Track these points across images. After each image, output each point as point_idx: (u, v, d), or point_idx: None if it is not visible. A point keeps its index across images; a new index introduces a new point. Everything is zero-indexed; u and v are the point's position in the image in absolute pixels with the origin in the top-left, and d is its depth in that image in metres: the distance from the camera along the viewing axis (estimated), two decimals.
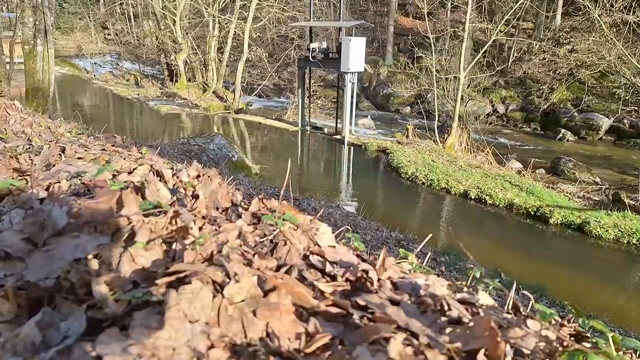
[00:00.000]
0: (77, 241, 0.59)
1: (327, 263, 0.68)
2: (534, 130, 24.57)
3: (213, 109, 18.77)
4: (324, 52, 14.52)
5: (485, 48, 13.96)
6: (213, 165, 8.83)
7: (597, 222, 7.89)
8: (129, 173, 1.06)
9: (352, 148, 13.72)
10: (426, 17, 14.51)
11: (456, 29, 34.50)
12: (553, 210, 8.36)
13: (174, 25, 22.47)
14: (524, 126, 25.30)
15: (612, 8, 17.72)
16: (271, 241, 0.70)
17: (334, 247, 0.75)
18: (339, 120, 14.83)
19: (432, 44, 14.48)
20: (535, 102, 25.90)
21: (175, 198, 0.80)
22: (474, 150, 14.51)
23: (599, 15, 17.10)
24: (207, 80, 23.62)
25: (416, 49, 22.23)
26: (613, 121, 22.26)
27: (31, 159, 1.14)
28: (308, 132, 15.46)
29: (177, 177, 1.06)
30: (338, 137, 14.37)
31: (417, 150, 12.74)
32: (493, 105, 27.97)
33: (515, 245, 7.20)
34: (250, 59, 23.31)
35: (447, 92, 16.68)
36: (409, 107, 28.94)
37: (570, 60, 24.17)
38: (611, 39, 14.71)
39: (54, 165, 1.05)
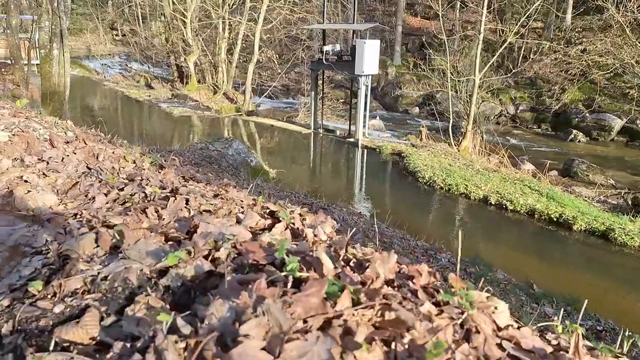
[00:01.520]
0: (305, 345, 0.56)
1: (522, 351, 0.66)
2: (544, 130, 24.42)
3: (224, 111, 18.79)
4: (337, 54, 14.48)
5: (500, 50, 13.85)
6: (233, 171, 8.82)
7: (621, 229, 7.81)
8: (267, 230, 1.03)
9: (366, 151, 13.67)
10: (441, 18, 14.43)
11: (465, 29, 34.38)
12: (576, 216, 8.29)
13: (184, 27, 22.51)
14: (535, 127, 25.17)
15: (626, 8, 17.57)
16: (461, 326, 0.68)
17: (518, 328, 0.72)
18: (352, 123, 14.80)
19: (447, 46, 14.40)
20: (546, 102, 25.75)
21: (338, 269, 0.78)
22: (487, 153, 14.44)
23: (613, 15, 16.96)
24: (217, 81, 23.65)
25: (428, 50, 22.17)
26: (625, 122, 22.08)
27: (158, 213, 1.12)
28: (321, 135, 15.42)
29: (315, 235, 1.03)
30: (351, 139, 14.33)
31: (432, 154, 12.68)
32: (503, 105, 27.88)
33: (540, 253, 7.14)
34: (260, 60, 23.30)
35: (460, 93, 16.59)
36: (417, 108, 28.87)
37: (583, 61, 23.97)
38: (628, 39, 14.56)
39: (191, 223, 1.02)
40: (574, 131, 22.29)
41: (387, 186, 10.88)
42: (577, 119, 23.39)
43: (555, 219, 8.45)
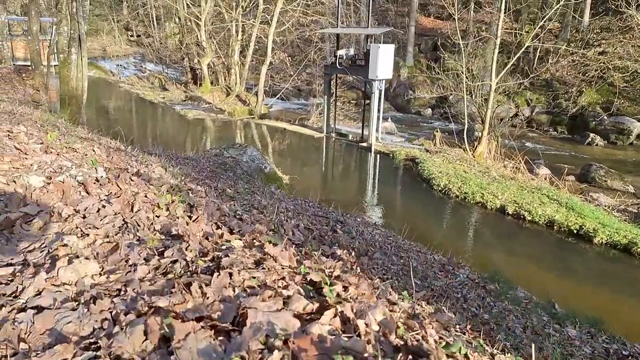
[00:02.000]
0: None
1: None
2: (561, 134, 24.09)
3: (237, 114, 18.84)
4: (350, 58, 14.43)
5: (517, 55, 13.65)
6: (247, 178, 8.82)
7: None
8: (315, 316, 1.00)
9: (379, 156, 13.60)
10: (456, 22, 14.26)
11: (480, 30, 34.05)
12: (597, 229, 8.14)
13: (198, 30, 22.63)
14: (551, 129, 24.85)
15: None
16: None
17: None
18: (365, 127, 14.74)
19: (462, 50, 14.23)
20: (562, 104, 25.41)
21: None
22: (503, 158, 14.27)
23: (633, 16, 16.61)
24: (229, 83, 23.73)
25: (441, 51, 21.98)
26: None
27: (202, 290, 1.10)
28: (333, 139, 15.38)
29: (367, 325, 0.99)
30: (364, 144, 14.26)
31: (446, 160, 12.56)
32: (518, 108, 27.57)
33: (560, 268, 7.01)
34: (272, 62, 23.34)
35: (474, 96, 16.40)
36: (430, 109, 28.69)
37: (601, 63, 23.55)
38: None
39: (237, 306, 0.99)
40: (592, 134, 21.98)
41: (401, 194, 10.80)
42: (594, 122, 23.08)
43: (575, 231, 8.31)
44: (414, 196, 10.55)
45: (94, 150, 3.51)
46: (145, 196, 1.76)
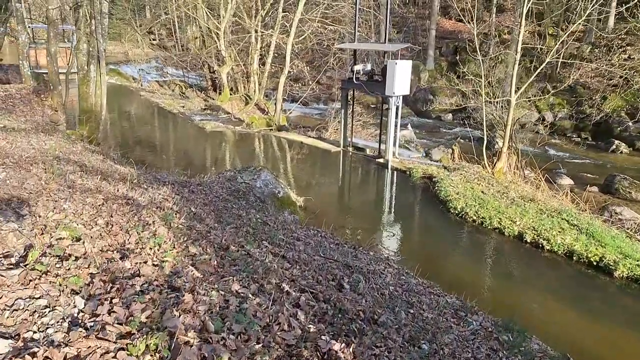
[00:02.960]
0: None
1: None
2: (584, 140, 23.50)
3: (256, 125, 18.95)
4: (367, 73, 14.34)
5: (540, 69, 13.32)
6: (260, 205, 8.86)
7: None
8: None
9: (395, 173, 13.49)
10: (475, 36, 13.99)
11: (502, 32, 33.32)
12: (617, 261, 7.90)
13: (217, 39, 22.84)
14: (574, 136, 24.28)
15: None
16: None
17: None
18: (382, 141, 14.64)
19: (481, 62, 13.96)
20: (586, 110, 24.76)
21: None
22: (523, 174, 13.97)
23: None
24: (249, 91, 23.90)
25: (462, 56, 21.67)
26: None
27: None
28: (350, 154, 15.33)
29: None
30: (381, 160, 14.16)
31: (464, 179, 12.37)
32: (540, 113, 26.99)
33: (579, 307, 6.81)
34: (290, 71, 23.41)
35: (495, 107, 16.08)
36: (450, 115, 28.35)
37: (626, 67, 22.80)
38: None
39: None
40: (616, 141, 21.43)
41: (416, 218, 10.68)
42: (619, 128, 22.47)
43: (595, 263, 8.08)
44: (430, 221, 10.43)
45: (89, 228, 3.57)
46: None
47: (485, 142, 13.79)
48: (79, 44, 14.04)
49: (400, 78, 12.89)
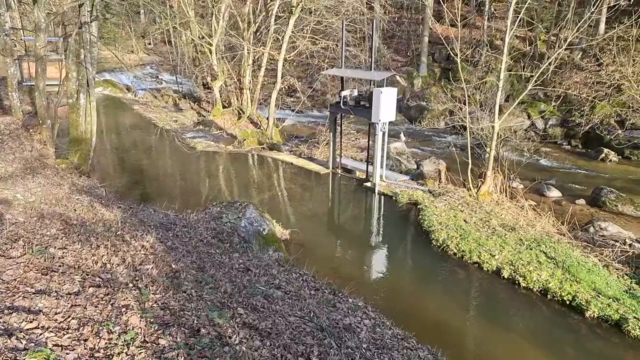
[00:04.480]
0: None
1: None
2: (574, 148, 23.79)
3: (247, 144, 19.14)
4: (355, 99, 14.56)
5: (521, 97, 13.53)
6: (244, 247, 9.10)
7: (636, 320, 7.66)
8: None
9: (382, 199, 13.75)
10: (458, 55, 14.15)
11: (494, 38, 33.37)
12: (589, 301, 8.16)
13: (210, 54, 22.97)
14: (564, 143, 24.58)
15: None
16: None
17: None
18: (369, 163, 14.87)
19: (465, 89, 14.16)
20: (576, 118, 24.96)
21: None
22: (509, 194, 14.17)
23: None
24: (242, 103, 24.07)
25: (454, 64, 21.81)
26: None
27: None
28: (339, 176, 15.58)
29: None
30: (368, 184, 14.41)
31: (449, 205, 12.61)
32: (530, 119, 27.21)
33: (552, 351, 7.09)
34: (282, 87, 23.59)
35: (483, 119, 16.15)
36: (443, 122, 28.57)
37: (614, 79, 22.97)
38: None
39: None
40: (605, 150, 21.73)
41: (399, 252, 10.92)
42: (609, 136, 22.71)
43: (568, 302, 8.35)
44: (413, 255, 10.69)
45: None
46: None
47: (469, 168, 13.82)
48: (68, 72, 14.17)
49: (386, 105, 13.13)
